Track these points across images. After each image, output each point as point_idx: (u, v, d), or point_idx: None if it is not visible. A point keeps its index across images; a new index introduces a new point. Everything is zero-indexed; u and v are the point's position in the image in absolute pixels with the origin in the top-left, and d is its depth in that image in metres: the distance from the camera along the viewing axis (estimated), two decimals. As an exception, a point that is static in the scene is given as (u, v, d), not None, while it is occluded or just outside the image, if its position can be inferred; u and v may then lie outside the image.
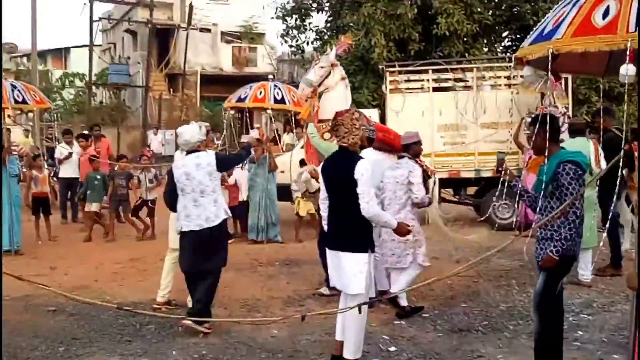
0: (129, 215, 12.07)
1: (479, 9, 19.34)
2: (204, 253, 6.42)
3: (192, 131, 6.61)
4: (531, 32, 5.40)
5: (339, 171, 5.38)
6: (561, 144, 5.41)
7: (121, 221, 12.47)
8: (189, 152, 6.60)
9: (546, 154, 5.05)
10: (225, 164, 6.89)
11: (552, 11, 5.22)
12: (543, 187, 5.01)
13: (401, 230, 5.58)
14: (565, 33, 4.82)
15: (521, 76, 11.08)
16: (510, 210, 12.31)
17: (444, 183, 12.61)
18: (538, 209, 5.12)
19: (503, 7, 20.62)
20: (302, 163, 10.16)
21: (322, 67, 8.18)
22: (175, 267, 7.13)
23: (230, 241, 7.95)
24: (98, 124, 16.62)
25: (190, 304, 7.01)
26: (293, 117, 13.30)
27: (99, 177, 12.20)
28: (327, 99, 8.08)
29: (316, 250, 7.91)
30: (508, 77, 12.85)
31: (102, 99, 38.30)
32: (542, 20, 5.29)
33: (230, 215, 6.88)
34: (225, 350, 6.00)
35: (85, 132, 16.25)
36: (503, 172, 5.51)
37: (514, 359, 5.65)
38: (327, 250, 5.52)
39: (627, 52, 4.47)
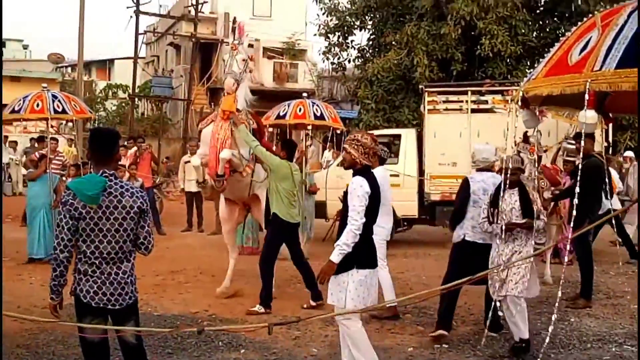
0: None
1: (523, 31, 19.21)
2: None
3: (491, 150, 6.94)
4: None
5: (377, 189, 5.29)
6: None
7: None
8: (481, 170, 6.88)
9: None
10: None
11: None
12: None
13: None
14: (541, 72, 4.18)
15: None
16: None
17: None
18: None
19: (547, 30, 20.47)
20: None
21: (244, 60, 8.93)
22: None
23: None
24: (142, 135, 16.81)
25: None
26: (333, 134, 13.31)
27: None
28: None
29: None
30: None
31: (144, 111, 38.90)
32: None
33: None
34: (264, 366, 6.03)
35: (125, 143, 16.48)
36: None
37: (555, 389, 5.58)
38: (369, 271, 5.28)
39: (586, 95, 3.74)
